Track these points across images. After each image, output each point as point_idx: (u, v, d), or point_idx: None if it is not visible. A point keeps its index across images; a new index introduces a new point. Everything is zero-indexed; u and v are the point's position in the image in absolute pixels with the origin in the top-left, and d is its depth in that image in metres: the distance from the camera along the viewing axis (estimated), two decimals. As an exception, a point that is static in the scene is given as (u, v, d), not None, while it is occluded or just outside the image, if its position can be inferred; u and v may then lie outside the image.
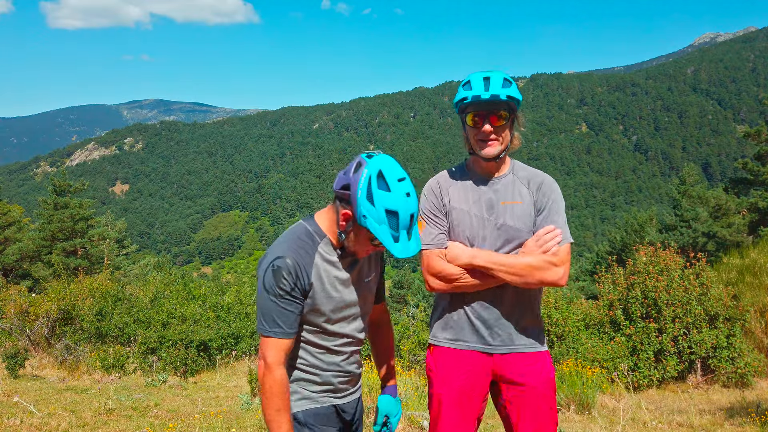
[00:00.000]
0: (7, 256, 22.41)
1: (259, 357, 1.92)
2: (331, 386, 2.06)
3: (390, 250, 1.84)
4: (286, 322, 1.89)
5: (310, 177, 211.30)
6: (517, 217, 2.23)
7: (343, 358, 2.06)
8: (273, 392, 1.86)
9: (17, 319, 10.98)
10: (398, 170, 1.86)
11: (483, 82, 2.18)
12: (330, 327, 2.00)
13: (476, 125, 2.21)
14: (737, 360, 8.06)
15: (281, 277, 1.86)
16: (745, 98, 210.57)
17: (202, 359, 10.62)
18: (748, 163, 23.11)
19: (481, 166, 2.29)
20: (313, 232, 1.97)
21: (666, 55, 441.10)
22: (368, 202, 1.80)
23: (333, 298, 1.97)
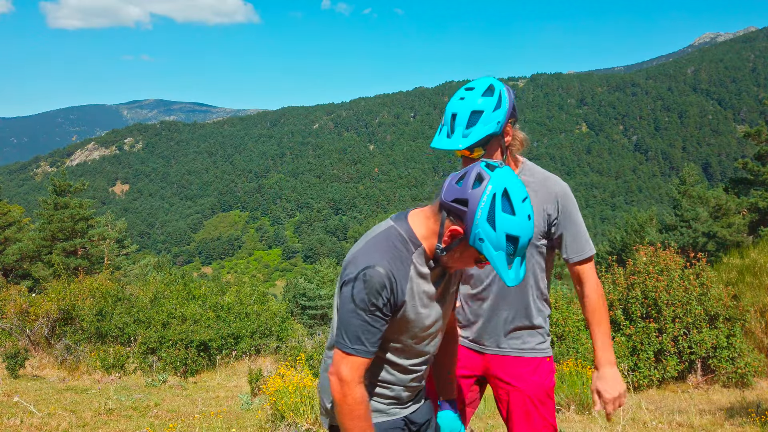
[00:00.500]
0: (7, 256, 22.41)
1: (331, 371, 1.71)
2: (400, 399, 1.90)
3: (503, 279, 1.64)
4: (371, 340, 1.67)
5: (310, 177, 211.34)
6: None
7: (415, 376, 1.89)
8: (357, 414, 1.67)
9: (17, 319, 10.98)
10: (522, 188, 1.65)
11: (449, 124, 2.06)
12: (414, 346, 1.82)
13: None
14: (737, 360, 8.06)
15: (374, 290, 1.63)
16: (745, 98, 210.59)
17: (202, 359, 10.62)
18: (749, 163, 23.12)
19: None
20: (408, 239, 1.72)
21: (666, 55, 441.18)
22: (489, 225, 1.59)
23: (420, 314, 1.76)
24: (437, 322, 1.82)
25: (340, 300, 1.73)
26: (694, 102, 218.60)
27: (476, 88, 2.04)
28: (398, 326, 1.74)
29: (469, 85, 2.05)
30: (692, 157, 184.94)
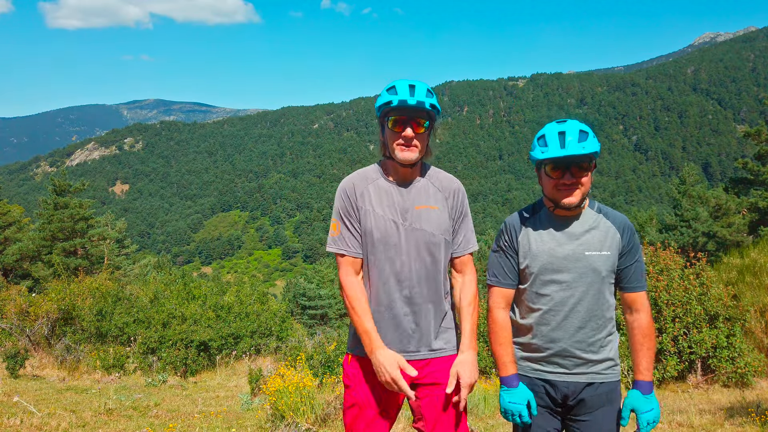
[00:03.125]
0: (7, 256, 22.41)
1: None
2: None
3: (532, 155, 2.31)
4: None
5: (310, 177, 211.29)
6: (432, 222, 2.25)
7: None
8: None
9: (17, 319, 10.98)
10: (561, 122, 2.24)
11: (408, 89, 2.22)
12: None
13: (397, 129, 2.22)
14: (737, 360, 8.06)
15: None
16: (745, 98, 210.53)
17: (202, 359, 10.62)
18: (749, 163, 23.12)
19: (397, 171, 2.31)
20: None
21: (666, 55, 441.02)
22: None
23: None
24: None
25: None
26: (694, 102, 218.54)
27: (569, 121, 2.25)
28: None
29: (557, 122, 2.28)
30: (692, 157, 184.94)
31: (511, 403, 2.22)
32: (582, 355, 2.21)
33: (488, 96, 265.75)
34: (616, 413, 2.24)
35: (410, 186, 2.30)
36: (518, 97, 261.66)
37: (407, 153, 2.23)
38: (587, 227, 2.24)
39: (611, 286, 2.24)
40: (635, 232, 2.24)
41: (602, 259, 2.19)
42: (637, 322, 2.22)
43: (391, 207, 2.26)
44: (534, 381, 2.27)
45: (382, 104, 2.25)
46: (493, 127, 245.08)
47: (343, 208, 2.30)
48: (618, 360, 2.28)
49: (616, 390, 2.26)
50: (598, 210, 2.29)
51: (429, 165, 2.41)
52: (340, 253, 2.28)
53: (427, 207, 2.27)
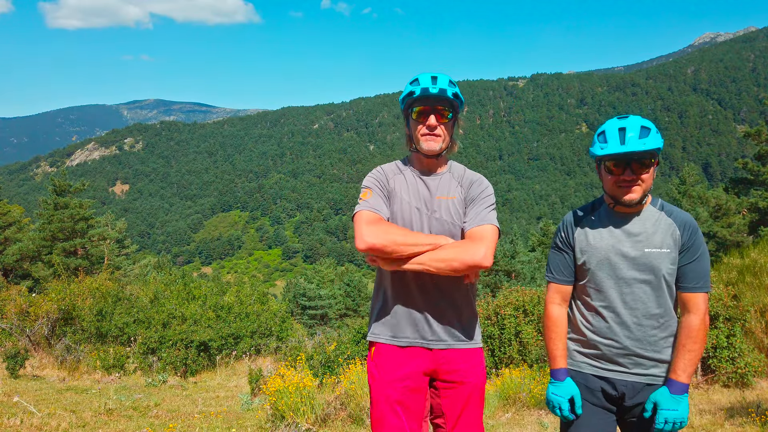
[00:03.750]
0: (8, 256, 22.41)
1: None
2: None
3: (592, 150, 2.26)
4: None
5: (310, 177, 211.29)
6: (449, 211, 2.28)
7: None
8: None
9: (17, 319, 10.98)
10: (623, 118, 2.21)
11: (431, 79, 2.26)
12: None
13: (421, 119, 2.26)
14: (737, 360, 8.05)
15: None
16: (745, 98, 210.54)
17: (202, 359, 10.62)
18: (749, 163, 23.13)
19: (422, 163, 2.36)
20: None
21: (666, 55, 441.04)
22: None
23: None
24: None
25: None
26: (694, 102, 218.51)
27: (631, 116, 2.21)
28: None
29: (619, 118, 2.24)
30: (692, 157, 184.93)
31: (554, 394, 2.27)
32: (643, 354, 2.18)
33: (488, 96, 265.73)
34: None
35: (434, 177, 2.35)
36: (518, 97, 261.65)
37: (431, 143, 2.27)
38: (648, 224, 2.21)
39: (673, 285, 2.21)
40: (698, 231, 2.19)
41: (662, 256, 2.16)
42: (686, 323, 2.17)
43: (415, 195, 2.31)
44: (590, 378, 2.26)
45: (405, 96, 2.29)
46: (493, 127, 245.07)
47: (375, 182, 2.35)
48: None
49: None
50: (660, 207, 2.26)
51: (455, 162, 2.44)
52: (370, 210, 2.24)
53: (448, 198, 2.30)
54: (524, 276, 23.65)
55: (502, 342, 9.56)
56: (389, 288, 2.30)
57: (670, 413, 2.10)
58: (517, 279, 23.32)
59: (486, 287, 22.74)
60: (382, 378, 2.26)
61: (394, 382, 2.24)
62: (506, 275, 23.43)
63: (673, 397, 2.12)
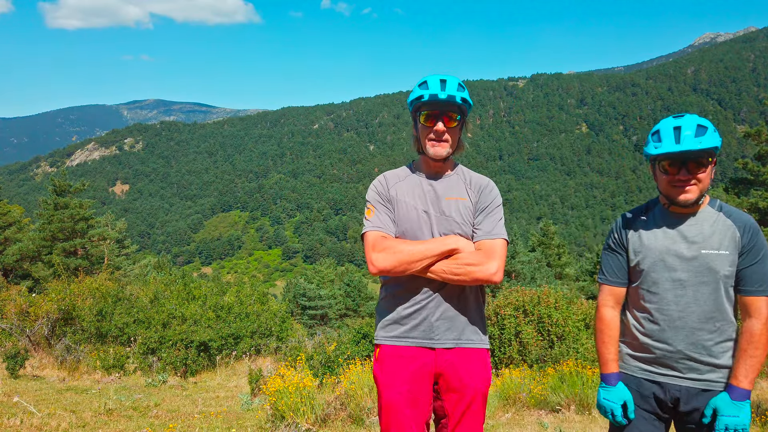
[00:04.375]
0: (8, 256, 22.41)
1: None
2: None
3: (646, 149, 2.22)
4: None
5: (310, 177, 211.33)
6: (460, 212, 2.29)
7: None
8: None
9: (17, 320, 10.98)
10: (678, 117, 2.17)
11: (440, 83, 2.25)
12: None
13: (429, 124, 2.26)
14: (737, 360, 8.05)
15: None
16: (745, 98, 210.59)
17: (202, 359, 10.62)
18: (749, 163, 23.12)
19: (429, 166, 2.36)
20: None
21: (666, 55, 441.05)
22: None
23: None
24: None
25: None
26: (694, 102, 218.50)
27: (687, 116, 2.17)
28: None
29: (674, 117, 2.21)
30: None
31: (606, 400, 2.23)
32: (699, 358, 2.12)
33: (488, 96, 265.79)
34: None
35: (442, 179, 2.36)
36: (518, 98, 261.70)
37: (438, 148, 2.27)
38: (705, 225, 2.15)
39: (732, 288, 2.14)
40: (759, 233, 2.12)
41: (720, 258, 2.10)
42: (747, 327, 2.10)
43: (422, 198, 2.31)
44: (642, 382, 2.21)
45: (413, 99, 2.28)
46: (493, 127, 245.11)
47: (377, 196, 2.35)
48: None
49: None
50: (718, 208, 2.19)
51: (461, 165, 2.46)
52: (374, 231, 2.28)
53: (458, 199, 2.30)
54: (524, 276, 23.65)
55: (502, 342, 9.56)
56: (394, 289, 2.30)
57: (731, 419, 2.05)
58: (517, 279, 23.32)
59: (486, 287, 22.76)
60: (386, 380, 2.26)
61: (399, 384, 2.24)
62: (506, 275, 23.42)
63: (734, 404, 2.06)
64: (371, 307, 34.71)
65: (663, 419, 2.22)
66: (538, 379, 6.88)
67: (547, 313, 9.19)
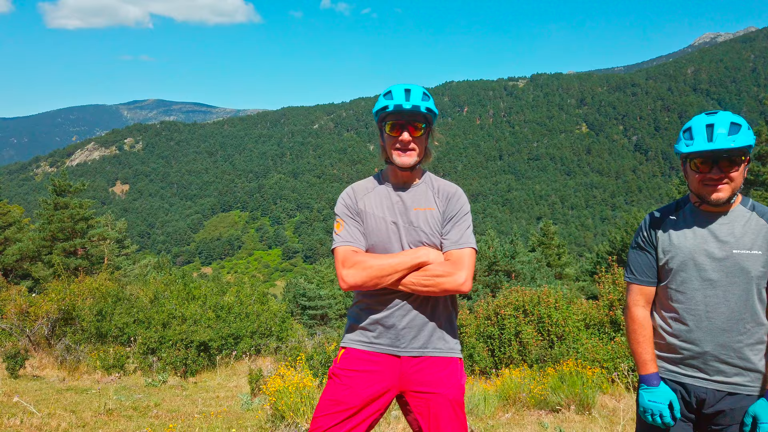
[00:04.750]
0: (8, 256, 22.42)
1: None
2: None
3: (678, 147, 2.19)
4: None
5: (310, 177, 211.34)
6: (428, 222, 2.29)
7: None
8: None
9: (17, 319, 10.99)
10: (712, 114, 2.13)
11: (404, 93, 2.26)
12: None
13: (395, 134, 2.27)
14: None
15: None
16: (745, 98, 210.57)
17: (202, 359, 10.62)
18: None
19: (397, 175, 2.36)
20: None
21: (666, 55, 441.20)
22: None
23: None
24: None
25: None
26: (694, 102, 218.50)
27: (720, 113, 2.14)
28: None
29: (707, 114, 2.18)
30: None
31: (651, 401, 2.16)
32: (727, 360, 2.08)
33: (488, 96, 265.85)
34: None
35: (410, 189, 2.35)
36: (518, 97, 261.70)
37: (405, 158, 2.27)
38: (737, 224, 2.11)
39: (764, 289, 2.09)
40: None
41: (752, 258, 2.06)
42: None
43: (390, 209, 2.31)
44: (668, 383, 2.19)
45: (379, 109, 2.29)
46: (493, 127, 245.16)
47: (345, 209, 2.35)
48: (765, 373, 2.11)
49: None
50: (751, 207, 2.15)
51: (429, 173, 2.45)
52: (344, 246, 2.27)
53: (426, 209, 2.31)
54: (524, 276, 23.63)
55: (502, 342, 9.56)
56: (365, 296, 2.31)
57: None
58: (517, 279, 23.31)
59: (486, 287, 22.75)
60: (345, 382, 2.24)
61: (359, 388, 2.22)
62: (506, 275, 23.42)
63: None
64: (371, 307, 34.71)
65: (689, 420, 2.19)
66: (538, 379, 6.88)
67: (547, 313, 9.19)
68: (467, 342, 9.82)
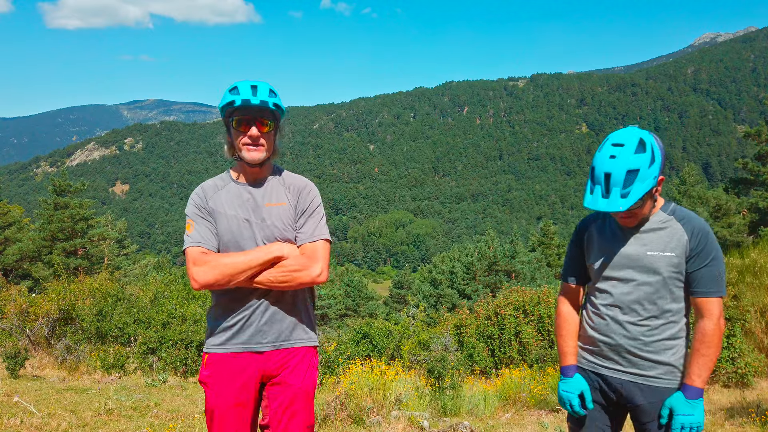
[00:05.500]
0: (8, 256, 22.43)
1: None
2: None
3: (584, 200, 2.16)
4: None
5: (310, 177, 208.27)
6: (280, 217, 2.31)
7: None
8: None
9: (17, 319, 10.99)
10: (623, 137, 2.12)
11: (251, 89, 2.27)
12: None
13: (243, 129, 2.27)
14: (737, 360, 8.06)
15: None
16: (745, 98, 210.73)
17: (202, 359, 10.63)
18: (749, 163, 23.15)
19: (246, 171, 2.35)
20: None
21: (666, 55, 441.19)
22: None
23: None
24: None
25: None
26: (694, 102, 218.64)
27: (626, 145, 2.11)
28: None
29: (615, 140, 2.14)
30: (692, 157, 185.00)
31: (564, 391, 2.36)
32: (638, 353, 2.23)
33: (488, 96, 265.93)
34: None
35: (261, 186, 2.36)
36: (518, 97, 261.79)
37: (254, 153, 2.27)
38: (654, 227, 2.25)
39: (678, 290, 2.23)
40: (709, 236, 2.20)
41: (665, 260, 2.20)
42: (700, 328, 2.20)
43: (242, 206, 2.30)
44: (588, 374, 2.35)
45: (225, 104, 2.26)
46: (493, 127, 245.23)
47: (195, 209, 2.33)
48: (682, 369, 2.24)
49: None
50: (671, 212, 2.28)
51: (281, 167, 2.46)
52: (195, 246, 2.26)
53: (277, 204, 2.32)
54: (524, 276, 23.64)
55: (502, 342, 9.57)
56: (221, 296, 2.30)
57: (686, 418, 2.14)
58: (517, 279, 23.31)
59: (486, 287, 22.75)
60: (213, 387, 2.26)
61: (226, 391, 2.24)
62: (506, 275, 23.42)
63: (689, 402, 2.15)
64: (371, 307, 34.71)
65: (610, 410, 2.34)
66: (538, 379, 6.88)
67: (547, 313, 9.19)
68: (467, 342, 9.83)
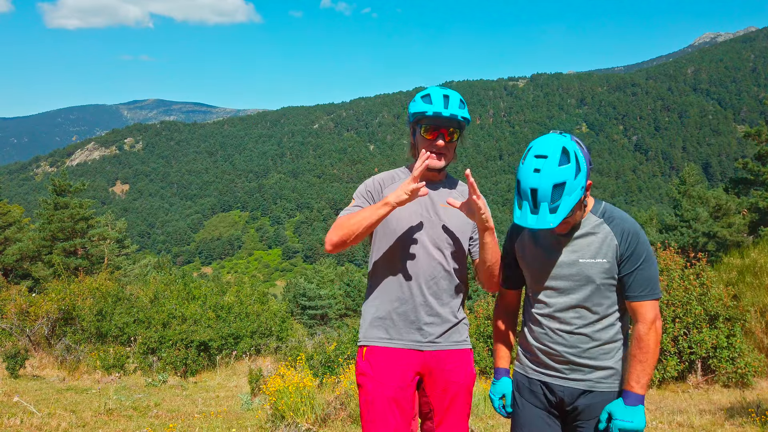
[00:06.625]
0: (8, 256, 22.42)
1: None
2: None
3: (513, 215, 2.07)
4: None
5: (310, 177, 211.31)
6: (457, 221, 2.38)
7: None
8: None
9: (17, 319, 10.99)
10: (545, 148, 2.01)
11: (443, 100, 2.32)
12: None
13: (429, 137, 2.34)
14: (737, 360, 8.06)
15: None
16: (745, 98, 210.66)
17: (202, 359, 10.63)
18: (749, 163, 23.14)
19: (424, 174, 2.38)
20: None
21: (666, 55, 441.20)
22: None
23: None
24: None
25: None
26: (694, 102, 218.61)
27: (549, 156, 2.01)
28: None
29: (538, 151, 2.03)
30: (692, 157, 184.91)
31: (491, 393, 2.42)
32: (577, 361, 2.17)
33: (488, 96, 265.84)
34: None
35: (437, 186, 2.43)
36: (518, 97, 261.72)
37: (436, 162, 2.36)
38: (584, 233, 2.17)
39: (612, 294, 2.17)
40: (639, 238, 2.12)
41: (597, 266, 2.12)
42: (636, 333, 2.13)
43: (418, 201, 2.36)
44: (533, 382, 2.29)
45: (417, 112, 2.33)
46: (493, 127, 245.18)
47: (364, 191, 2.42)
48: (622, 371, 2.20)
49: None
50: (601, 214, 2.21)
51: (456, 179, 2.55)
52: (340, 217, 2.32)
53: (453, 207, 2.35)
54: (524, 276, 23.67)
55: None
56: (383, 292, 2.35)
57: (624, 424, 2.06)
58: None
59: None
60: (376, 377, 2.29)
61: (388, 382, 2.28)
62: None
63: (628, 408, 2.08)
64: (371, 307, 34.70)
65: (555, 416, 2.30)
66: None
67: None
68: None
